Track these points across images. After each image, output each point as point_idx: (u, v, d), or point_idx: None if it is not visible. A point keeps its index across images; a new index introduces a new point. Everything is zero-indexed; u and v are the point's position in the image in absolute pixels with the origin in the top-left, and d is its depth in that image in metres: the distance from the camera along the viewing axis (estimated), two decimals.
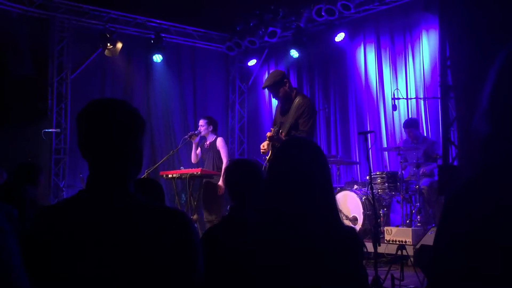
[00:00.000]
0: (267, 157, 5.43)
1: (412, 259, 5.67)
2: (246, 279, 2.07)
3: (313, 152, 2.14)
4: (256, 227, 2.11)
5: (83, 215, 1.60)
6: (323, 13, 8.60)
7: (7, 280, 1.19)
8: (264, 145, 5.43)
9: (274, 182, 2.13)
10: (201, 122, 7.53)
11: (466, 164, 6.01)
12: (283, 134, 5.29)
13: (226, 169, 3.04)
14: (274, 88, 5.37)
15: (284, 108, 5.42)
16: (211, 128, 7.44)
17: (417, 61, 8.52)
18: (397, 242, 6.26)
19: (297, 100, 5.29)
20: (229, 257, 2.40)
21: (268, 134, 5.38)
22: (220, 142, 7.34)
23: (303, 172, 2.06)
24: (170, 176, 7.30)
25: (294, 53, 9.46)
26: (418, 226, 6.63)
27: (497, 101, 1.21)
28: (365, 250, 6.01)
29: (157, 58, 9.52)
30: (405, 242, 6.24)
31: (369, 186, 5.55)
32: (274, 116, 5.73)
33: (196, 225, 6.73)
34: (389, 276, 4.97)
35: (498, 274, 1.10)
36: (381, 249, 5.90)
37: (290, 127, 5.24)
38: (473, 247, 1.13)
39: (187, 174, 7.04)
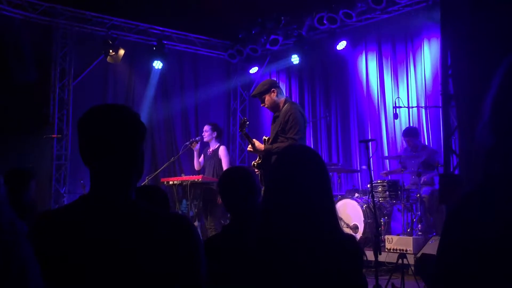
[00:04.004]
0: (254, 162, 5.48)
1: (413, 268, 5.66)
2: (245, 285, 2.07)
3: (312, 159, 2.14)
4: (257, 236, 2.11)
5: (84, 220, 1.60)
6: (325, 21, 8.63)
7: (23, 284, 1.19)
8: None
9: (274, 190, 2.13)
10: (206, 127, 7.54)
11: (468, 173, 6.01)
12: (270, 141, 5.35)
13: (218, 182, 3.03)
14: (260, 97, 5.47)
15: (275, 116, 5.49)
16: (215, 134, 7.44)
17: (418, 69, 8.53)
18: (398, 251, 6.25)
19: (285, 107, 5.34)
20: (230, 266, 2.39)
21: (248, 148, 5.47)
22: (222, 151, 7.35)
23: (302, 180, 2.06)
24: (171, 183, 7.29)
25: (295, 60, 9.47)
26: (419, 235, 6.61)
27: (500, 112, 1.21)
28: (365, 258, 6.00)
29: (158, 64, 9.52)
30: (406, 250, 6.22)
31: (370, 194, 5.54)
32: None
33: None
34: (389, 285, 4.96)
35: (503, 286, 1.09)
36: (382, 257, 5.88)
37: (276, 134, 5.29)
38: (477, 260, 1.13)
39: (187, 181, 7.03)
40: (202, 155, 7.52)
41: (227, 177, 2.98)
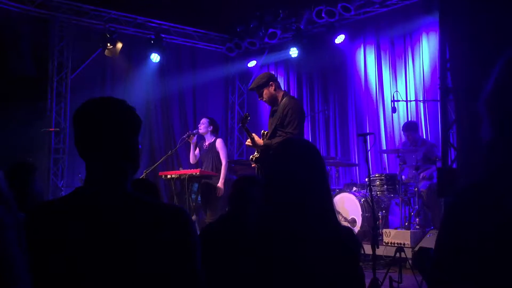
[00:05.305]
0: (252, 156, 5.48)
1: (410, 261, 5.67)
2: (243, 276, 2.07)
3: (310, 152, 2.15)
4: (254, 226, 2.11)
5: (79, 212, 1.60)
6: (323, 15, 8.61)
7: (7, 276, 1.18)
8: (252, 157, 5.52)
9: (272, 183, 2.13)
10: (203, 120, 7.53)
11: (466, 167, 6.01)
12: (268, 135, 5.35)
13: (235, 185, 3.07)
14: (259, 91, 5.44)
15: (273, 110, 5.47)
16: (211, 128, 7.42)
17: (417, 63, 8.52)
18: (396, 245, 6.26)
19: (283, 101, 5.32)
20: (226, 254, 2.40)
21: (247, 143, 5.47)
22: (219, 143, 7.33)
23: (300, 173, 2.06)
24: (169, 176, 7.29)
25: (294, 53, 9.45)
26: (416, 229, 6.62)
27: (499, 107, 1.21)
28: (363, 251, 6.02)
29: (155, 57, 9.49)
30: (404, 244, 6.23)
31: (368, 188, 5.54)
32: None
33: (195, 226, 6.72)
34: (387, 278, 4.97)
35: (501, 280, 1.09)
36: (380, 251, 5.90)
37: (274, 128, 5.27)
38: (475, 254, 1.13)
39: (185, 174, 7.03)
40: (198, 149, 7.51)
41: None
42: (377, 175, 7.38)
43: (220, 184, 7.08)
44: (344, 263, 1.97)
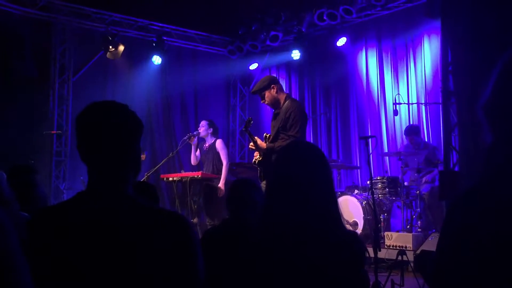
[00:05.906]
0: (255, 159, 5.48)
1: (412, 264, 5.66)
2: (246, 280, 2.07)
3: (315, 155, 2.14)
4: (257, 231, 2.10)
5: (81, 216, 1.60)
6: (325, 18, 8.61)
7: (9, 280, 1.19)
8: (256, 155, 5.52)
9: (276, 185, 2.12)
10: (202, 123, 7.56)
11: (468, 170, 6.01)
12: (271, 138, 5.36)
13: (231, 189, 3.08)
14: (261, 93, 5.46)
15: (275, 113, 5.48)
16: (211, 130, 7.44)
17: (418, 66, 8.52)
18: (398, 248, 6.24)
19: (285, 104, 5.33)
20: (228, 258, 2.40)
21: (250, 146, 5.49)
22: (219, 144, 7.35)
23: (305, 176, 2.06)
24: (170, 179, 7.30)
25: (296, 56, 9.44)
26: (418, 232, 6.62)
27: (497, 111, 1.21)
28: (367, 255, 6.02)
29: (157, 59, 9.48)
30: (406, 247, 6.22)
31: (370, 191, 5.53)
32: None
33: (197, 228, 6.73)
34: (389, 281, 4.96)
35: (501, 283, 1.09)
36: (381, 254, 5.89)
37: (277, 130, 5.28)
38: (476, 257, 1.12)
39: (187, 177, 7.04)
40: (198, 150, 7.53)
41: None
42: (379, 178, 7.38)
43: (221, 184, 7.09)
44: (348, 266, 1.96)
